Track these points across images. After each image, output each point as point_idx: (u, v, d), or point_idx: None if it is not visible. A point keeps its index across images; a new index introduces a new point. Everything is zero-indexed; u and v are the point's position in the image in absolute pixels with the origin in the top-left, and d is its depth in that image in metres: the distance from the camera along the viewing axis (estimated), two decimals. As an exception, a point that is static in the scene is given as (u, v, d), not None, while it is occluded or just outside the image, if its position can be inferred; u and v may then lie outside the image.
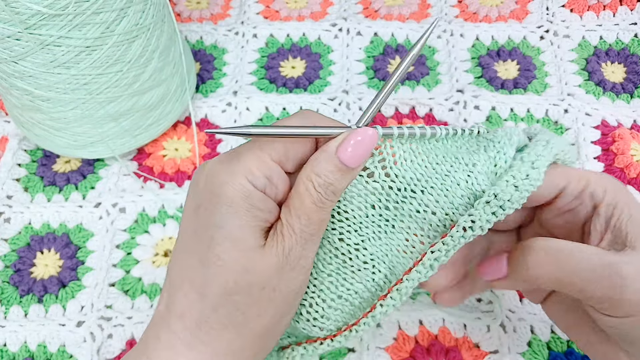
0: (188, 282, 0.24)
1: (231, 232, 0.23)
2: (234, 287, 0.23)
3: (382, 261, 0.27)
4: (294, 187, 0.24)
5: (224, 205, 0.23)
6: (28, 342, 0.38)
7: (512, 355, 0.36)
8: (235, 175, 0.23)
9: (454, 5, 0.55)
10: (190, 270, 0.24)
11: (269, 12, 0.56)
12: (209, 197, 0.23)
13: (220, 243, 0.23)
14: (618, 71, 0.50)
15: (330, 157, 0.23)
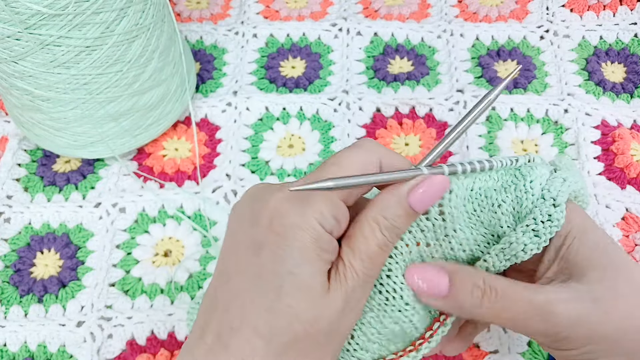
0: (251, 328, 0.22)
1: (303, 281, 0.22)
2: (303, 336, 0.22)
3: (421, 304, 0.26)
4: (358, 228, 0.24)
5: (295, 249, 0.22)
6: (28, 342, 0.38)
7: (512, 355, 0.36)
8: (306, 217, 0.22)
9: (454, 5, 0.55)
10: (253, 316, 0.22)
11: (269, 12, 0.56)
12: (277, 239, 0.22)
13: (292, 293, 0.22)
14: (618, 71, 0.50)
15: (401, 201, 0.23)
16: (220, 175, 0.45)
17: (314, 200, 0.23)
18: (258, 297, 0.22)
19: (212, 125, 0.48)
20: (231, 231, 0.25)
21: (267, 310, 0.22)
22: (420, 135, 0.47)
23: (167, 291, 0.40)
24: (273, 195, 0.23)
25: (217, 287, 0.24)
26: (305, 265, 0.22)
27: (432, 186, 0.24)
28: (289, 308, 0.22)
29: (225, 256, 0.25)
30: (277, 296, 0.22)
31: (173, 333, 0.38)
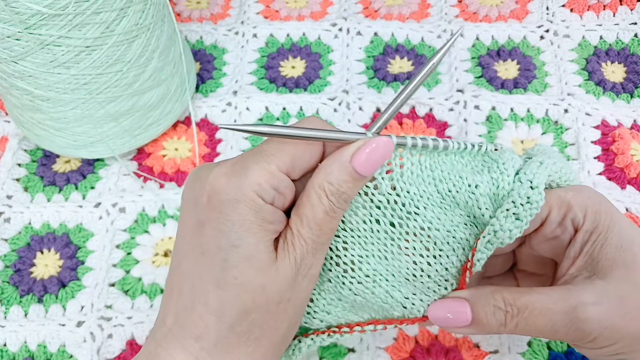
0: (202, 304, 0.23)
1: (246, 252, 0.22)
2: (252, 306, 0.23)
3: (385, 278, 0.27)
4: (305, 195, 0.24)
5: (236, 224, 0.22)
6: (28, 342, 0.38)
7: (512, 355, 0.36)
8: (244, 191, 0.22)
9: (454, 5, 0.55)
10: (203, 292, 0.23)
11: (269, 12, 0.56)
12: (216, 215, 0.22)
13: (236, 264, 0.22)
14: (618, 71, 0.50)
15: (344, 165, 0.23)
16: (220, 175, 0.45)
17: (251, 173, 0.22)
18: (205, 273, 0.23)
19: (212, 125, 0.48)
20: (180, 216, 0.25)
21: (215, 285, 0.22)
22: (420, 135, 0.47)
23: (167, 291, 0.40)
24: (210, 172, 0.23)
25: (170, 272, 0.25)
26: (247, 237, 0.22)
27: (376, 149, 0.23)
28: (235, 279, 0.22)
29: (176, 241, 0.25)
30: (223, 269, 0.22)
31: (173, 333, 0.38)
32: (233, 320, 0.22)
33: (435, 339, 0.37)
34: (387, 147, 0.23)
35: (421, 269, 0.26)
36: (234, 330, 0.23)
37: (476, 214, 0.26)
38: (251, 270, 0.22)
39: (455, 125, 0.47)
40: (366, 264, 0.26)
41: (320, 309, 0.27)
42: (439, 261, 0.26)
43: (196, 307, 0.23)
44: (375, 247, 0.26)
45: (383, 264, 0.26)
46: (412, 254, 0.26)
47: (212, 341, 0.23)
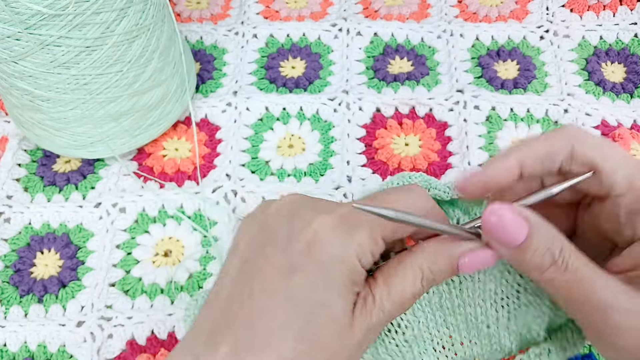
0: (276, 353, 0.22)
1: (334, 314, 0.22)
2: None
3: (417, 344, 0.27)
4: (401, 270, 0.23)
5: (333, 282, 0.22)
6: (28, 342, 0.38)
7: (512, 355, 0.36)
8: (348, 250, 0.22)
9: (454, 5, 0.55)
10: (279, 341, 0.22)
11: (269, 12, 0.56)
12: (315, 267, 0.22)
13: (322, 324, 0.22)
14: (618, 71, 0.50)
15: (452, 260, 0.23)
16: (220, 176, 0.45)
17: (357, 234, 0.22)
18: (287, 322, 0.22)
19: (212, 125, 0.48)
20: (254, 235, 0.24)
21: (294, 336, 0.22)
22: (420, 136, 0.47)
23: (167, 291, 0.40)
24: (317, 217, 0.22)
25: (234, 297, 0.23)
26: (338, 299, 0.22)
27: (482, 258, 0.23)
28: (315, 337, 0.22)
29: (243, 263, 0.24)
30: (307, 324, 0.22)
31: (173, 333, 0.38)
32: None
33: (435, 339, 0.37)
34: (492, 260, 0.23)
35: (452, 344, 0.28)
36: None
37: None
38: (333, 332, 0.22)
39: (455, 125, 0.47)
40: (410, 329, 0.26)
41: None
42: (471, 347, 0.27)
43: (267, 352, 0.22)
44: (424, 315, 0.27)
45: (423, 330, 0.27)
46: (453, 329, 0.27)
47: None
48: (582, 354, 0.36)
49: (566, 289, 0.22)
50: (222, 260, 0.40)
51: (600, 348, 0.24)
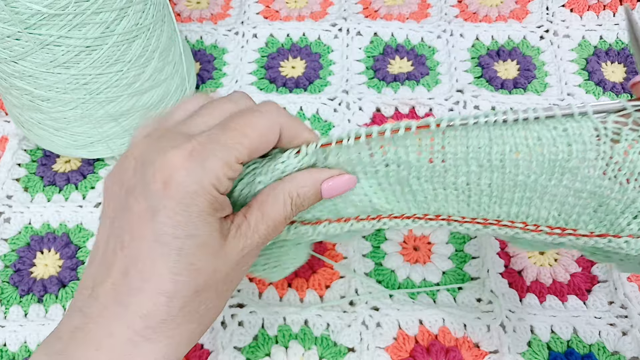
0: (153, 288, 0.23)
1: (202, 241, 0.23)
2: (203, 287, 0.24)
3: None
4: (272, 196, 0.26)
5: (193, 215, 0.23)
6: (28, 342, 0.38)
7: (512, 355, 0.36)
8: (204, 184, 0.23)
9: (454, 5, 0.55)
10: (154, 276, 0.23)
11: (269, 12, 0.56)
12: (173, 205, 0.23)
13: (193, 252, 0.23)
14: (618, 71, 0.50)
15: (315, 185, 0.26)
16: (220, 175, 0.45)
17: (209, 162, 0.23)
18: (159, 260, 0.23)
19: (212, 125, 0.48)
20: (116, 194, 0.25)
21: (169, 270, 0.23)
22: (420, 135, 0.47)
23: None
24: (167, 157, 0.23)
25: (108, 253, 0.25)
26: (203, 227, 0.23)
27: (342, 182, 0.26)
28: (191, 265, 0.23)
29: (111, 221, 0.25)
30: (178, 256, 0.23)
31: (173, 333, 0.38)
32: (185, 301, 0.24)
33: (435, 339, 0.37)
34: (349, 184, 0.27)
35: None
36: (184, 310, 0.24)
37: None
38: (205, 257, 0.24)
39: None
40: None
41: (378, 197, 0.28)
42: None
43: (145, 289, 0.23)
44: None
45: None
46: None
47: (160, 319, 0.24)
48: (582, 354, 0.36)
49: None
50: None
51: None
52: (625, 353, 0.36)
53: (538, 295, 0.39)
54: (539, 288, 0.39)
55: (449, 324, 0.37)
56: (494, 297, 0.38)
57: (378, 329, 0.37)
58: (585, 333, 0.37)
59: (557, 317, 0.37)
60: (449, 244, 0.41)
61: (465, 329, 0.37)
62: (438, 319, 0.37)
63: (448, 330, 0.37)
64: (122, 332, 0.23)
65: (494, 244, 0.41)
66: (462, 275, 0.40)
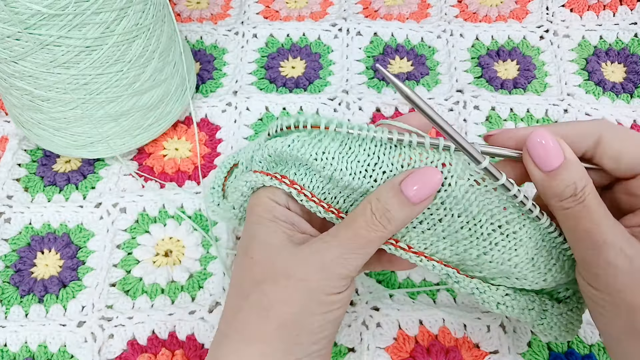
0: (231, 286, 0.29)
1: (260, 239, 0.27)
2: (262, 277, 0.27)
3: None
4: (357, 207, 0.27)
5: (254, 221, 0.28)
6: (29, 342, 0.38)
7: (512, 355, 0.36)
8: (260, 197, 0.28)
9: (454, 5, 0.55)
10: (233, 277, 0.29)
11: (269, 12, 0.56)
12: (247, 218, 0.29)
13: (253, 248, 0.27)
14: (618, 71, 0.50)
15: (393, 186, 0.26)
16: (221, 175, 0.45)
17: (270, 187, 0.28)
18: (237, 263, 0.29)
19: (212, 125, 0.48)
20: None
21: (239, 267, 0.28)
22: (420, 135, 0.47)
23: (167, 291, 0.40)
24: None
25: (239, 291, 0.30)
26: (261, 229, 0.28)
27: (426, 182, 0.26)
28: (251, 259, 0.27)
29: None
30: (245, 253, 0.28)
31: (174, 333, 0.38)
32: (247, 290, 0.27)
33: (435, 339, 0.37)
34: (436, 184, 0.26)
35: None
36: (247, 299, 0.27)
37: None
38: (263, 251, 0.27)
39: (455, 125, 0.47)
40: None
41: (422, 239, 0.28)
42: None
43: (229, 292, 0.29)
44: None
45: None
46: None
47: (232, 313, 0.27)
48: (583, 354, 0.36)
49: (576, 219, 0.25)
50: (222, 260, 0.40)
51: (585, 280, 0.27)
52: (625, 353, 0.36)
53: (538, 295, 0.39)
54: (539, 288, 0.39)
55: (449, 324, 0.37)
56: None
57: (378, 329, 0.37)
58: (586, 333, 0.37)
59: (557, 317, 0.37)
60: (449, 244, 0.41)
61: (465, 329, 0.37)
62: (438, 319, 0.37)
63: (448, 331, 0.37)
64: (215, 336, 0.29)
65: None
66: (462, 276, 0.40)
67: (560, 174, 0.25)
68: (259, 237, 0.27)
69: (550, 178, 0.26)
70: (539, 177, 0.26)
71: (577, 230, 0.26)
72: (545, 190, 0.26)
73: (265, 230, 0.27)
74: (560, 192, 0.25)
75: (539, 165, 0.26)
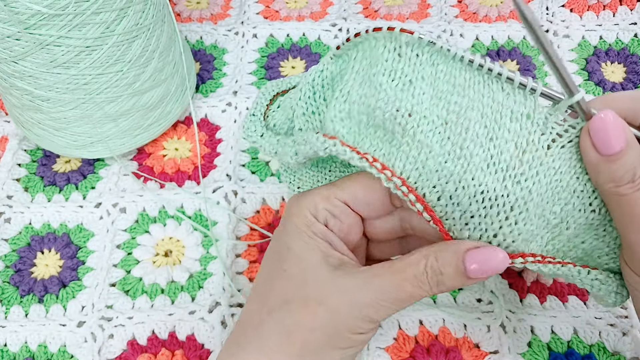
0: (255, 294, 0.28)
1: (296, 253, 0.27)
2: (292, 296, 0.26)
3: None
4: (413, 253, 0.26)
5: (290, 232, 0.27)
6: (29, 342, 0.38)
7: (512, 355, 0.36)
8: (301, 208, 0.27)
9: (454, 5, 0.55)
10: (258, 284, 0.28)
11: (269, 12, 0.56)
12: (283, 224, 0.28)
13: (286, 260, 0.27)
14: (618, 71, 0.50)
15: (457, 254, 0.24)
16: (221, 176, 0.45)
17: (311, 196, 0.27)
18: (265, 267, 0.28)
19: (212, 125, 0.48)
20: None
21: (268, 275, 0.28)
22: (420, 135, 0.47)
23: (167, 291, 0.40)
24: (289, 199, 0.29)
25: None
26: (298, 242, 0.27)
27: (490, 261, 0.24)
28: (283, 272, 0.27)
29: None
30: (276, 264, 0.27)
31: (174, 333, 0.38)
32: (273, 306, 0.26)
33: (435, 339, 0.37)
34: (502, 264, 0.24)
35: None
36: (271, 315, 0.26)
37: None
38: (297, 267, 0.26)
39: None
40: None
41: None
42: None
43: (251, 297, 0.28)
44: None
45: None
46: None
47: (252, 325, 0.27)
48: (583, 355, 0.36)
49: (631, 206, 0.24)
50: (222, 260, 0.40)
51: (632, 268, 0.26)
52: (626, 353, 0.36)
53: (538, 295, 0.39)
54: (539, 288, 0.39)
55: (449, 324, 0.37)
56: (494, 298, 0.38)
57: (378, 329, 0.37)
58: (586, 333, 0.37)
59: (557, 317, 0.37)
60: (449, 244, 0.41)
61: (465, 330, 0.37)
62: (438, 319, 0.37)
63: (448, 331, 0.37)
64: (226, 342, 0.29)
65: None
66: (462, 276, 0.40)
67: (620, 159, 0.24)
68: (295, 251, 0.26)
69: (609, 162, 0.24)
70: (594, 159, 0.24)
71: (632, 215, 0.24)
72: (600, 173, 0.25)
73: (302, 244, 0.27)
74: (619, 177, 0.24)
75: (599, 148, 0.24)
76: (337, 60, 0.27)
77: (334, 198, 0.27)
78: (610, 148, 0.24)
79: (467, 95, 0.25)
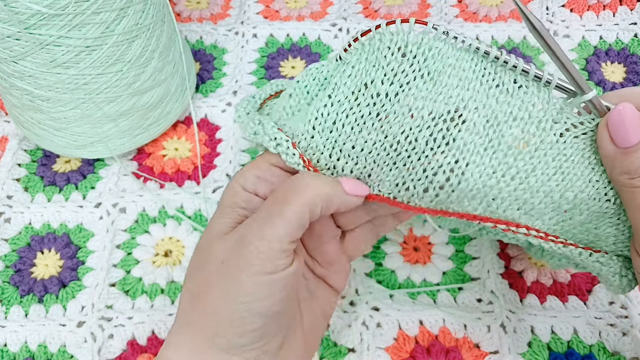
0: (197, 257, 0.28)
1: (210, 227, 0.28)
2: (199, 264, 0.27)
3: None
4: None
5: (217, 209, 0.28)
6: (28, 342, 0.38)
7: (512, 355, 0.36)
8: (232, 182, 0.28)
9: (454, 5, 0.55)
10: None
11: (269, 12, 0.56)
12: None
13: (203, 235, 0.28)
14: (618, 71, 0.50)
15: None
16: (221, 176, 0.45)
17: (244, 169, 0.28)
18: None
19: (212, 125, 0.48)
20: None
21: (196, 249, 0.29)
22: (420, 135, 0.47)
23: (167, 291, 0.40)
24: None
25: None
26: (214, 217, 0.28)
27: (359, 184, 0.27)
28: (197, 246, 0.28)
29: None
30: (201, 240, 0.28)
31: (173, 333, 0.38)
32: (187, 277, 0.28)
33: (435, 339, 0.37)
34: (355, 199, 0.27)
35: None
36: (186, 286, 0.27)
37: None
38: (203, 239, 0.28)
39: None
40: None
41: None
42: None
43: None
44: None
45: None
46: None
47: (182, 304, 0.27)
48: (583, 355, 0.36)
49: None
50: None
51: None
52: (625, 353, 0.36)
53: (538, 295, 0.39)
54: (539, 288, 0.39)
55: (449, 324, 0.37)
56: (495, 298, 0.38)
57: (378, 329, 0.37)
58: (586, 333, 0.37)
59: (557, 317, 0.37)
60: (449, 245, 0.41)
61: (465, 330, 0.37)
62: (438, 319, 0.37)
63: (448, 331, 0.37)
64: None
65: (495, 245, 0.41)
66: (462, 276, 0.40)
67: (636, 151, 0.25)
68: (210, 226, 0.28)
69: (625, 154, 0.25)
70: (611, 151, 0.25)
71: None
72: (615, 165, 0.25)
73: (216, 217, 0.28)
74: (635, 169, 0.25)
75: (616, 140, 0.25)
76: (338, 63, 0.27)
77: (262, 162, 0.28)
78: (628, 140, 0.25)
79: (472, 89, 0.26)
